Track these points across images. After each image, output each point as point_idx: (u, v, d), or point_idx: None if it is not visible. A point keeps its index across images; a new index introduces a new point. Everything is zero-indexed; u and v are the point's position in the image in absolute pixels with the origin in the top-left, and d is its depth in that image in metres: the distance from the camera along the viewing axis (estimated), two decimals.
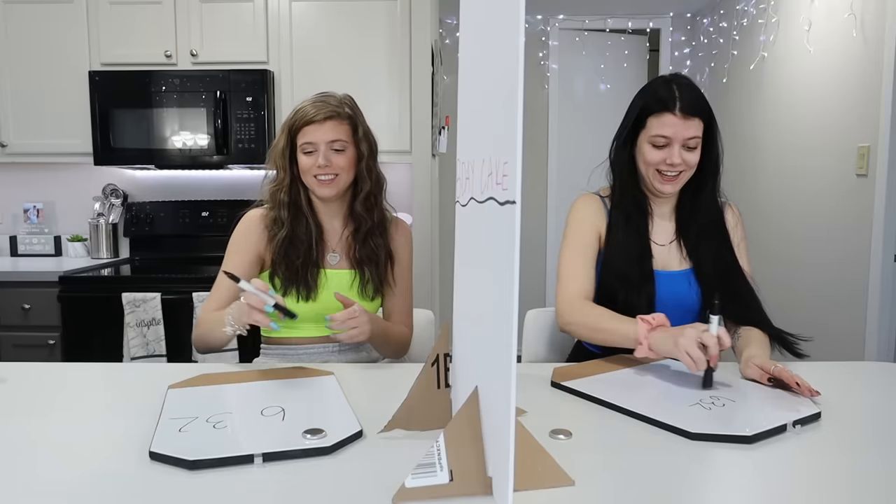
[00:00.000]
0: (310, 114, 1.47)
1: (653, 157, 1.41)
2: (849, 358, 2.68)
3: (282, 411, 1.04)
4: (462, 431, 0.80)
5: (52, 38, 2.83)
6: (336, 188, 1.50)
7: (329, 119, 1.47)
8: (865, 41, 2.60)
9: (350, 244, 1.56)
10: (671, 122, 1.38)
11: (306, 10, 2.81)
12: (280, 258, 1.49)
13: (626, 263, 1.43)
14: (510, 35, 0.68)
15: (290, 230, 1.50)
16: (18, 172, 3.16)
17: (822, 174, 2.92)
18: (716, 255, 1.46)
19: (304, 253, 1.50)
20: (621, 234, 1.47)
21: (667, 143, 1.39)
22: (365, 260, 1.54)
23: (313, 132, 1.47)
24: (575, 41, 4.42)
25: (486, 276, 0.76)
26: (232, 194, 3.15)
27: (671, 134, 1.38)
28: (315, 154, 1.47)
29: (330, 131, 1.47)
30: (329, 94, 1.53)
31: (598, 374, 1.25)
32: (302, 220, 1.52)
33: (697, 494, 0.81)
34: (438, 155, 3.24)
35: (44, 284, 2.60)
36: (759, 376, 1.19)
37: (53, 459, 0.89)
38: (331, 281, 1.52)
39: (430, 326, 1.74)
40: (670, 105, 1.38)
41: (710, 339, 1.15)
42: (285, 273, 1.49)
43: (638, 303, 1.39)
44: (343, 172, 1.49)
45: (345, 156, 1.49)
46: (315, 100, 1.51)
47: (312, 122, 1.47)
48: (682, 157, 1.39)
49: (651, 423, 1.01)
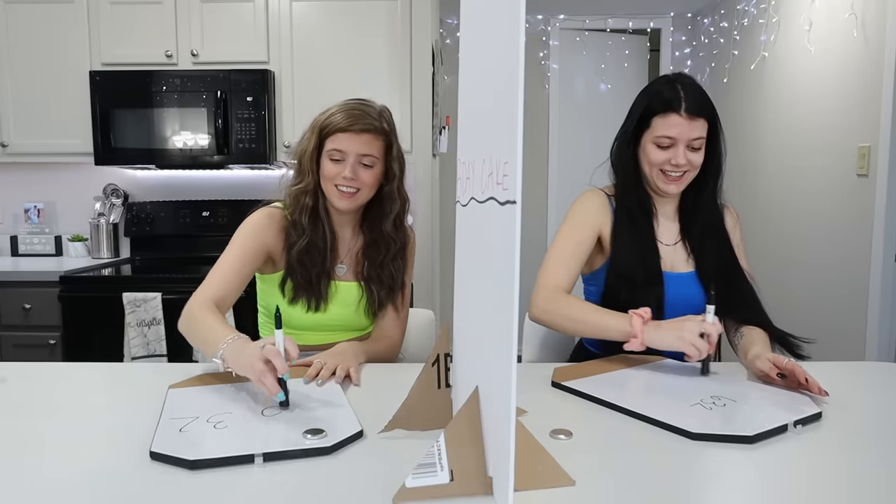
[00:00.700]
0: (346, 122, 1.40)
1: (657, 158, 1.40)
2: (849, 358, 2.68)
3: (282, 411, 1.04)
4: (462, 431, 0.80)
5: (53, 38, 2.83)
6: (355, 203, 1.44)
7: (366, 132, 1.40)
8: (866, 41, 2.60)
9: (359, 259, 1.52)
10: (677, 122, 1.37)
11: (306, 10, 2.81)
12: (297, 265, 1.44)
13: (633, 263, 1.42)
14: (510, 35, 0.68)
15: (310, 237, 1.45)
16: (19, 172, 3.16)
17: (823, 174, 2.91)
18: (717, 255, 1.46)
19: (319, 262, 1.45)
20: (628, 233, 1.45)
21: (672, 143, 1.39)
22: (375, 280, 1.49)
23: (346, 141, 1.40)
24: (575, 41, 4.42)
25: (487, 276, 0.76)
26: (232, 194, 3.15)
27: (676, 135, 1.37)
28: (342, 164, 1.41)
29: (363, 144, 1.40)
30: (368, 103, 1.46)
31: (599, 374, 1.25)
32: (319, 226, 1.47)
33: (698, 494, 0.81)
34: (439, 155, 3.24)
35: (44, 284, 2.60)
36: (769, 369, 1.18)
37: (53, 459, 0.89)
38: (339, 292, 1.49)
39: (430, 326, 1.74)
40: (676, 105, 1.37)
41: (710, 328, 1.21)
42: (299, 281, 1.44)
43: (646, 304, 1.36)
44: (366, 189, 1.44)
45: (372, 172, 1.43)
46: (353, 107, 1.43)
47: (347, 131, 1.40)
48: (686, 158, 1.39)
49: (652, 423, 1.01)
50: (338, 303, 1.48)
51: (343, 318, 1.49)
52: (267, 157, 2.78)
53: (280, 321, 1.08)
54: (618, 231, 1.47)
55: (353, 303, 1.50)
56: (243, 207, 3.03)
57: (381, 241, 1.50)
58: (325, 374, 1.21)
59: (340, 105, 1.45)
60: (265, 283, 1.52)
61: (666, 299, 1.42)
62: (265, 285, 1.52)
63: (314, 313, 1.46)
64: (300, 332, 1.49)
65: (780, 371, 1.16)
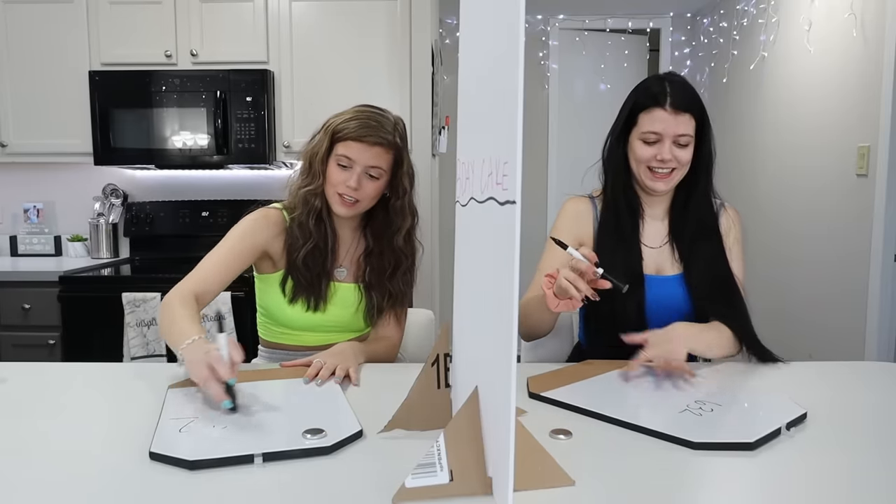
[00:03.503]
0: (359, 131, 1.39)
1: (643, 154, 1.40)
2: (849, 358, 2.68)
3: (282, 411, 1.04)
4: (462, 431, 0.80)
5: (52, 38, 2.83)
6: (353, 211, 1.44)
7: (377, 145, 1.40)
8: (865, 41, 2.60)
9: (360, 264, 1.52)
10: (661, 117, 1.36)
11: (306, 10, 2.81)
12: (301, 265, 1.44)
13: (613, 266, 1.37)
14: (510, 35, 0.68)
15: (316, 240, 1.45)
16: (18, 172, 3.16)
17: (822, 174, 2.92)
18: (707, 259, 1.44)
19: (321, 263, 1.46)
20: (610, 238, 1.45)
21: (657, 139, 1.38)
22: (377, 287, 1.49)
23: (356, 150, 1.40)
24: (575, 41, 4.42)
25: (487, 276, 0.76)
26: (232, 194, 3.15)
27: (661, 130, 1.37)
28: (349, 171, 1.40)
29: (373, 157, 1.40)
30: (383, 114, 1.45)
31: (577, 382, 1.20)
32: (322, 227, 1.47)
33: (698, 494, 0.81)
34: (438, 155, 3.24)
35: (44, 284, 2.59)
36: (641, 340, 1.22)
37: (53, 459, 0.89)
38: (338, 294, 1.49)
39: (430, 326, 1.74)
40: (661, 100, 1.36)
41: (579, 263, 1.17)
42: (301, 281, 1.44)
43: (627, 308, 1.37)
44: (366, 200, 1.44)
45: (376, 184, 1.43)
46: (369, 116, 1.42)
47: (359, 141, 1.39)
48: (672, 154, 1.38)
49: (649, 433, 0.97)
50: (336, 304, 1.48)
51: (341, 320, 1.49)
52: (266, 157, 2.78)
53: (222, 323, 1.07)
54: (600, 235, 1.46)
55: (351, 305, 1.50)
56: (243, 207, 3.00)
57: (387, 254, 1.49)
58: (324, 374, 1.21)
59: (356, 111, 1.44)
60: (263, 282, 1.52)
61: (648, 303, 1.40)
62: (263, 285, 1.52)
63: (313, 313, 1.46)
64: (298, 332, 1.49)
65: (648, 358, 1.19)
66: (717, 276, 1.43)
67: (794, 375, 1.29)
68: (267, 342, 1.56)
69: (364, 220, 1.53)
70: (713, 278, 1.42)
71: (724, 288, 1.42)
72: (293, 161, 2.92)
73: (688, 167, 1.42)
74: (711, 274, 1.43)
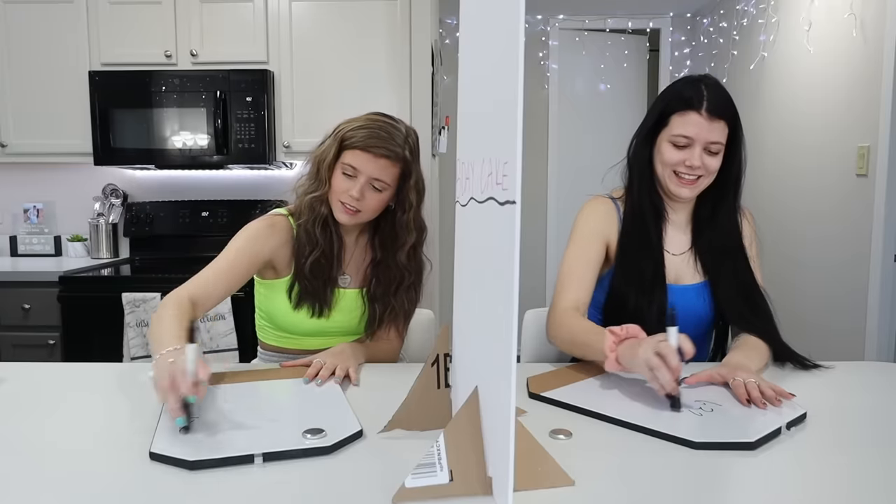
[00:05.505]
0: (367, 141, 1.36)
1: (671, 158, 1.36)
2: (849, 358, 2.68)
3: (282, 411, 1.04)
4: (462, 431, 0.80)
5: (52, 38, 2.83)
6: (354, 220, 1.42)
7: (384, 157, 1.37)
8: (865, 41, 2.60)
9: (366, 274, 1.50)
10: (695, 121, 1.32)
11: (306, 10, 2.81)
12: (307, 273, 1.42)
13: (637, 271, 1.38)
14: (510, 35, 0.68)
15: (322, 247, 1.43)
16: (18, 172, 3.16)
17: (822, 174, 2.91)
18: (734, 274, 1.41)
19: (327, 270, 1.44)
20: (634, 240, 1.41)
21: (688, 143, 1.34)
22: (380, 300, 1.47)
23: (363, 161, 1.37)
24: (575, 41, 4.42)
25: (487, 276, 0.76)
26: (232, 194, 3.15)
27: (694, 134, 1.33)
28: (353, 180, 1.38)
29: (378, 169, 1.37)
30: (395, 125, 1.41)
31: (577, 382, 1.20)
32: (328, 234, 1.44)
33: (699, 494, 0.81)
34: (438, 155, 3.24)
35: (44, 284, 2.60)
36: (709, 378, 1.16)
37: (53, 460, 0.89)
38: (342, 300, 1.48)
39: (430, 326, 1.74)
40: (696, 104, 1.32)
41: (667, 348, 1.05)
42: (307, 288, 1.43)
43: (649, 311, 1.34)
44: (368, 211, 1.41)
45: (379, 197, 1.40)
46: (380, 126, 1.39)
47: (366, 151, 1.36)
48: (702, 161, 1.34)
49: (650, 433, 0.98)
50: (341, 310, 1.48)
51: (344, 325, 1.49)
52: (266, 157, 2.78)
53: (193, 334, 1.02)
54: (624, 238, 1.43)
55: (355, 311, 1.49)
56: (243, 207, 3.05)
57: (394, 268, 1.47)
58: (324, 374, 1.21)
59: (367, 119, 1.41)
60: (265, 287, 1.50)
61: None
62: (265, 290, 1.51)
63: (317, 319, 1.45)
64: (301, 337, 1.48)
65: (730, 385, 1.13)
66: (745, 290, 1.40)
67: (795, 375, 1.29)
68: (266, 345, 1.55)
69: (372, 229, 1.51)
70: (741, 292, 1.40)
71: (751, 301, 1.39)
72: (293, 161, 2.92)
73: (714, 175, 1.38)
74: (739, 289, 1.40)
